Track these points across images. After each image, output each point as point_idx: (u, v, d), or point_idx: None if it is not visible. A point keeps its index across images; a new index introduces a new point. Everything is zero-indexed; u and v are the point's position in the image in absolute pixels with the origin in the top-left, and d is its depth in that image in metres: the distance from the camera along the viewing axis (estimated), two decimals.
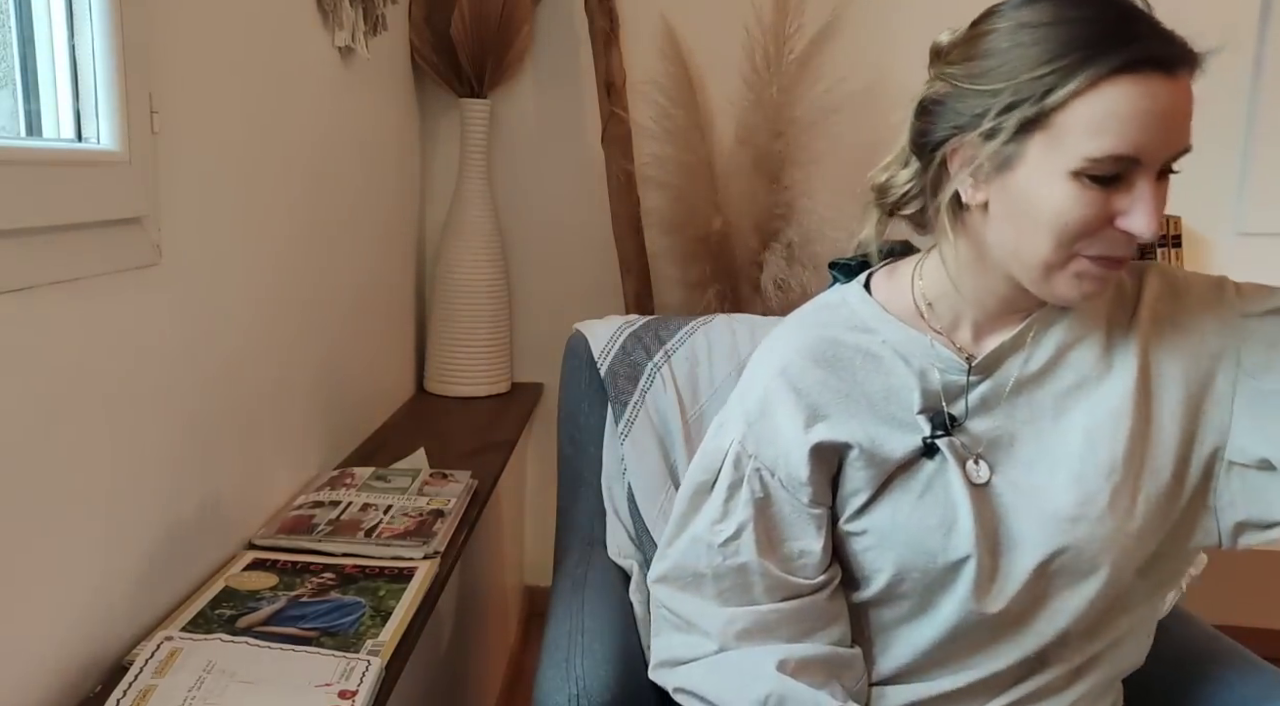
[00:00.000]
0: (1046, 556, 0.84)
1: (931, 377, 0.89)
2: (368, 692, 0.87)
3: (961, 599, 0.86)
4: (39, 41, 0.89)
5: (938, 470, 0.87)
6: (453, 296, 1.99)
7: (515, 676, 2.06)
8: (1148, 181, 0.75)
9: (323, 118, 1.47)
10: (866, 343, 0.91)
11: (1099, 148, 0.74)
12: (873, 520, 0.89)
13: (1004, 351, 0.88)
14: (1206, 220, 2.06)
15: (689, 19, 2.02)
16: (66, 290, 0.84)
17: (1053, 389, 0.87)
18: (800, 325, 0.97)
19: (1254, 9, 1.99)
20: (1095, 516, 0.83)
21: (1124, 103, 0.74)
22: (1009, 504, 0.86)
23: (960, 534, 0.85)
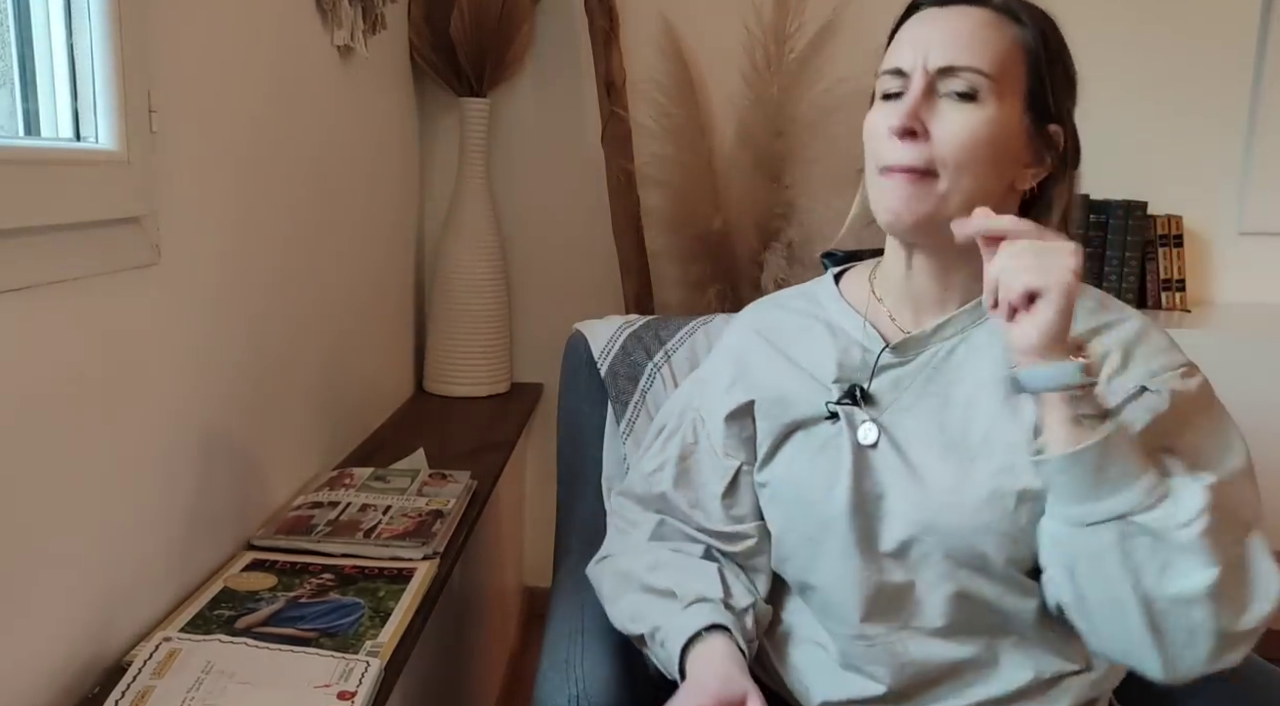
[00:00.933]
0: (911, 533, 0.87)
1: (853, 353, 0.94)
2: (367, 693, 0.86)
3: (850, 559, 0.89)
4: (37, 40, 0.89)
5: (835, 434, 0.91)
6: (452, 296, 1.98)
7: (515, 677, 2.06)
8: (912, 89, 0.83)
9: (322, 117, 1.46)
10: (809, 317, 0.99)
11: (881, 68, 0.88)
12: (773, 471, 0.96)
13: (922, 338, 0.91)
14: (1207, 220, 2.06)
15: (689, 18, 2.01)
16: (65, 290, 0.84)
17: (968, 383, 0.89)
18: (766, 302, 1.06)
19: (1254, 9, 1.99)
20: (970, 505, 0.84)
21: (901, 33, 0.88)
22: (892, 476, 0.89)
23: (838, 492, 0.89)
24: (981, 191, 0.84)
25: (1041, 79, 0.85)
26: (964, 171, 0.83)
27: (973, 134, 0.82)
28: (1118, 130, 2.00)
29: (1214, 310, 2.03)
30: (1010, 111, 0.84)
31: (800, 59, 1.93)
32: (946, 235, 0.83)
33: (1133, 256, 1.97)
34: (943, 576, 0.87)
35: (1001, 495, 0.84)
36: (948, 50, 0.83)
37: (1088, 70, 0.91)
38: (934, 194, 0.83)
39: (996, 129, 0.83)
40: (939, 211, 0.84)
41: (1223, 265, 2.09)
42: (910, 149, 0.83)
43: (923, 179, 0.83)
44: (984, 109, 0.82)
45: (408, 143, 2.00)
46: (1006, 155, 0.84)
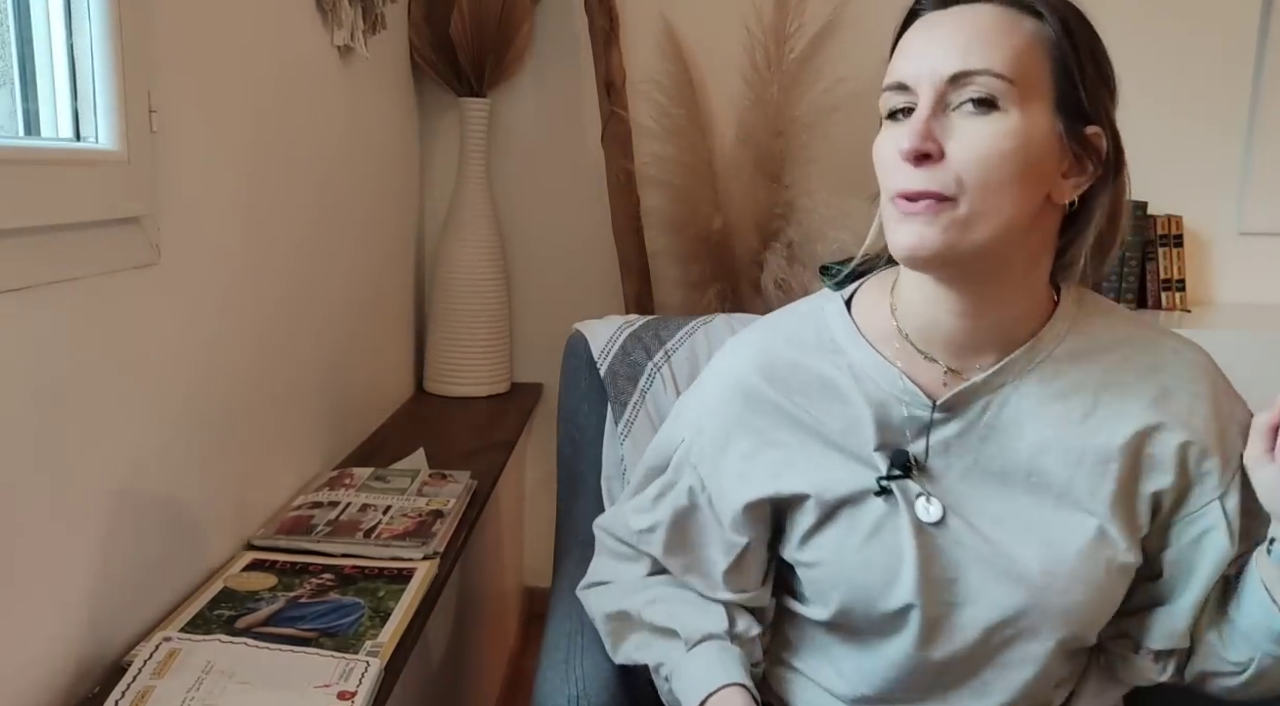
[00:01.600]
0: (1003, 617, 0.80)
1: (892, 411, 0.82)
2: (367, 694, 0.86)
3: (907, 644, 0.82)
4: (37, 40, 0.89)
5: (888, 512, 0.81)
6: (452, 296, 1.98)
7: (515, 677, 2.06)
8: (920, 104, 0.73)
9: (322, 117, 1.46)
10: (829, 367, 0.85)
11: (884, 83, 0.77)
12: (819, 553, 0.85)
13: (974, 392, 0.81)
14: (1208, 220, 2.06)
15: (689, 18, 2.01)
16: (65, 290, 0.84)
17: (1029, 439, 0.80)
18: (764, 341, 0.90)
19: (1254, 9, 1.99)
20: (1059, 586, 0.79)
21: (903, 43, 0.78)
22: (967, 555, 0.80)
23: (904, 583, 0.80)
24: (1013, 212, 0.73)
25: (1070, 76, 0.74)
26: (989, 192, 0.72)
27: (995, 148, 0.71)
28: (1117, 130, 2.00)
29: (1214, 310, 2.03)
30: (1037, 117, 0.73)
31: (800, 59, 1.93)
32: (977, 267, 0.76)
33: (1133, 256, 1.97)
34: (1024, 663, 0.81)
35: (1095, 567, 0.79)
36: (957, 55, 0.72)
37: None
38: (956, 221, 0.72)
39: (1022, 139, 0.72)
40: (962, 240, 0.73)
41: (1223, 265, 2.09)
42: (925, 173, 0.72)
43: (941, 205, 0.72)
44: (1006, 117, 0.72)
45: (408, 143, 2.00)
46: (1038, 168, 0.73)
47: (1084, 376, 0.81)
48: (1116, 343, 0.83)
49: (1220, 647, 0.81)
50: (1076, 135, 0.75)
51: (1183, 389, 0.81)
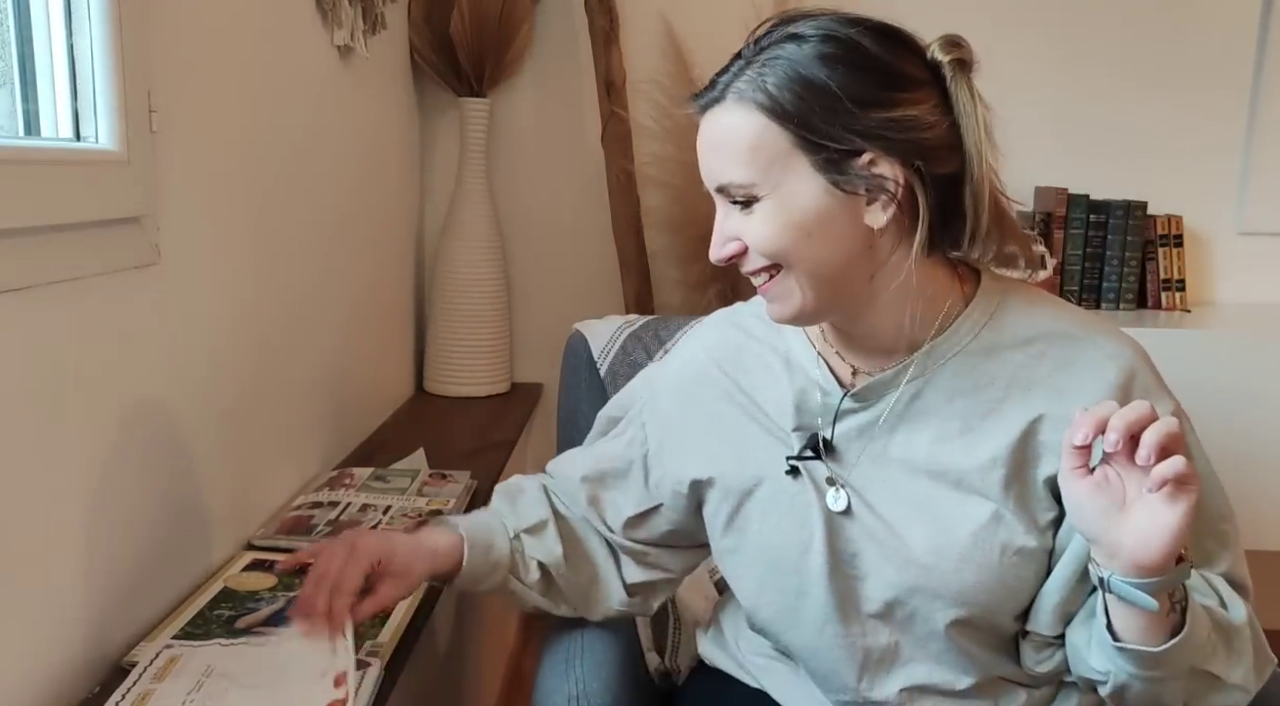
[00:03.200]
0: (896, 594, 0.84)
1: (810, 397, 0.88)
2: (367, 694, 0.86)
3: (820, 621, 0.87)
4: (37, 40, 0.89)
5: (800, 491, 0.87)
6: (452, 296, 1.98)
7: (515, 677, 2.06)
8: (719, 212, 0.83)
9: (322, 117, 1.46)
10: (768, 351, 0.93)
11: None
12: (740, 538, 0.91)
13: (883, 384, 0.85)
14: (1207, 220, 2.06)
15: (689, 18, 2.01)
16: (65, 290, 0.84)
17: (932, 431, 0.84)
18: (727, 318, 1.00)
19: (1254, 9, 1.99)
20: (949, 567, 0.81)
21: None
22: (864, 535, 0.85)
23: (814, 554, 0.86)
24: (830, 262, 0.79)
25: (806, 140, 0.76)
26: (793, 261, 0.79)
27: (768, 235, 0.78)
28: (1118, 130, 2.00)
29: (1214, 310, 2.03)
30: (796, 187, 0.77)
31: None
32: (837, 307, 0.82)
33: (1133, 256, 1.97)
34: (928, 637, 0.85)
35: (987, 549, 0.81)
36: (712, 168, 0.81)
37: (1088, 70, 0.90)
38: (792, 284, 0.80)
39: (788, 216, 0.77)
40: (806, 299, 0.80)
41: (1223, 265, 2.09)
42: (746, 262, 0.82)
43: (776, 273, 0.81)
44: (765, 207, 0.78)
45: (408, 143, 2.00)
46: (822, 223, 0.77)
47: (996, 370, 0.83)
48: (1035, 337, 0.84)
49: (1085, 652, 0.80)
50: (849, 176, 0.77)
51: (1090, 379, 0.81)
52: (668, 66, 2.00)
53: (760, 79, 0.78)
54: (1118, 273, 1.97)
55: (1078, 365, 0.82)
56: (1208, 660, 0.76)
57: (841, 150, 0.76)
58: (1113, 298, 1.98)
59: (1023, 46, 1.95)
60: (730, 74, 0.81)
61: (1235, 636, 0.79)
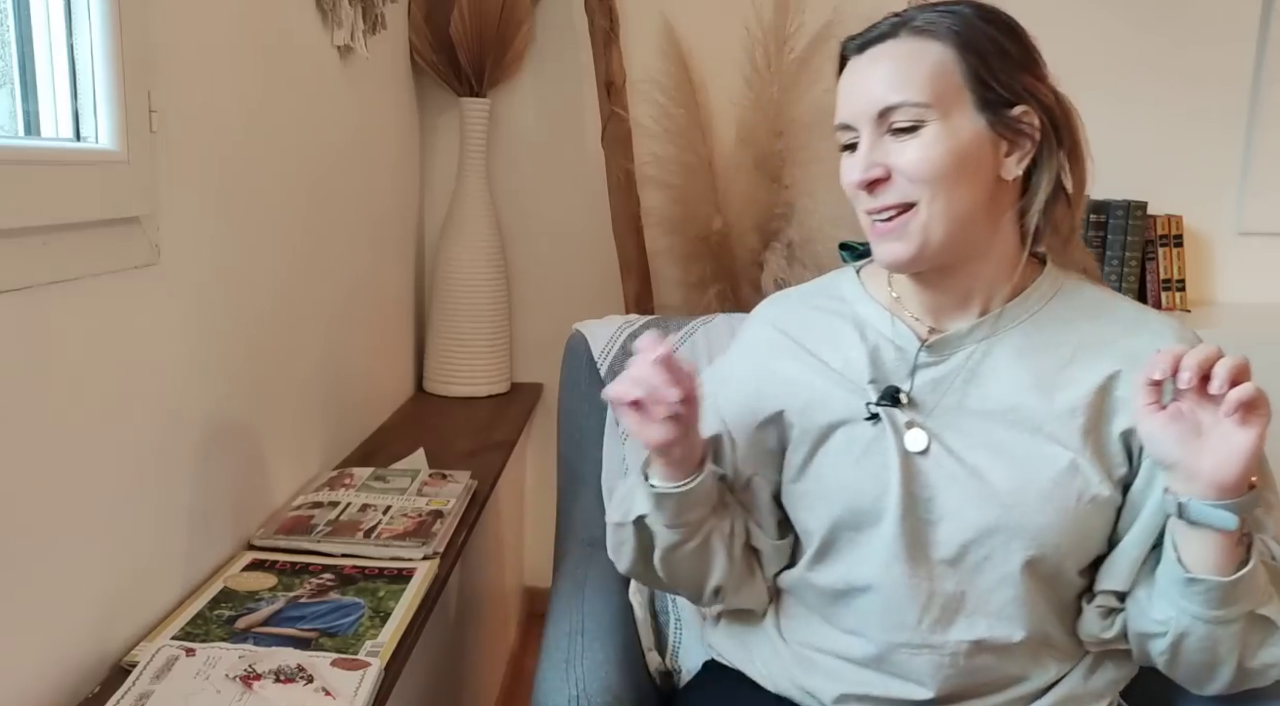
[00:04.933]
0: (975, 534, 0.87)
1: (885, 353, 0.93)
2: (367, 694, 0.86)
3: (893, 562, 0.88)
4: (37, 41, 0.89)
5: (877, 436, 0.90)
6: (452, 296, 1.98)
7: (515, 677, 2.06)
8: (862, 141, 0.86)
9: (322, 117, 1.46)
10: (834, 317, 0.97)
11: (834, 124, 0.90)
12: (814, 476, 0.93)
13: (957, 340, 0.91)
14: (1207, 220, 2.06)
15: (689, 18, 2.01)
16: (65, 289, 0.84)
17: (1007, 383, 0.89)
18: (785, 295, 1.05)
19: (1254, 9, 1.99)
20: (1029, 506, 0.85)
21: (839, 87, 0.90)
22: (944, 477, 0.88)
23: (890, 498, 0.88)
24: (965, 201, 0.85)
25: (980, 77, 0.85)
26: (939, 193, 0.84)
27: (928, 156, 0.83)
28: (1118, 130, 2.00)
29: (1214, 310, 2.03)
30: (960, 120, 0.84)
31: (800, 59, 1.93)
32: (947, 256, 0.87)
33: (1133, 256, 1.97)
34: (999, 583, 0.87)
35: (1065, 493, 0.85)
36: (878, 95, 0.85)
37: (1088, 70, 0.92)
38: (919, 225, 0.85)
39: (950, 142, 0.83)
40: (930, 239, 0.85)
41: (1223, 265, 2.09)
42: (880, 193, 0.85)
43: (903, 214, 0.85)
44: (931, 132, 0.83)
45: (408, 143, 2.00)
46: (974, 159, 0.85)
47: (1064, 335, 0.90)
48: (1099, 311, 0.92)
49: (1148, 605, 0.86)
50: (1004, 120, 0.85)
51: (1153, 341, 0.88)
52: (668, 66, 2.00)
53: (943, 19, 0.86)
54: (1118, 272, 1.97)
55: (1142, 333, 0.90)
56: (1265, 605, 0.82)
57: (1003, 96, 0.85)
58: None
59: None
60: (899, 19, 0.87)
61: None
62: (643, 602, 1.18)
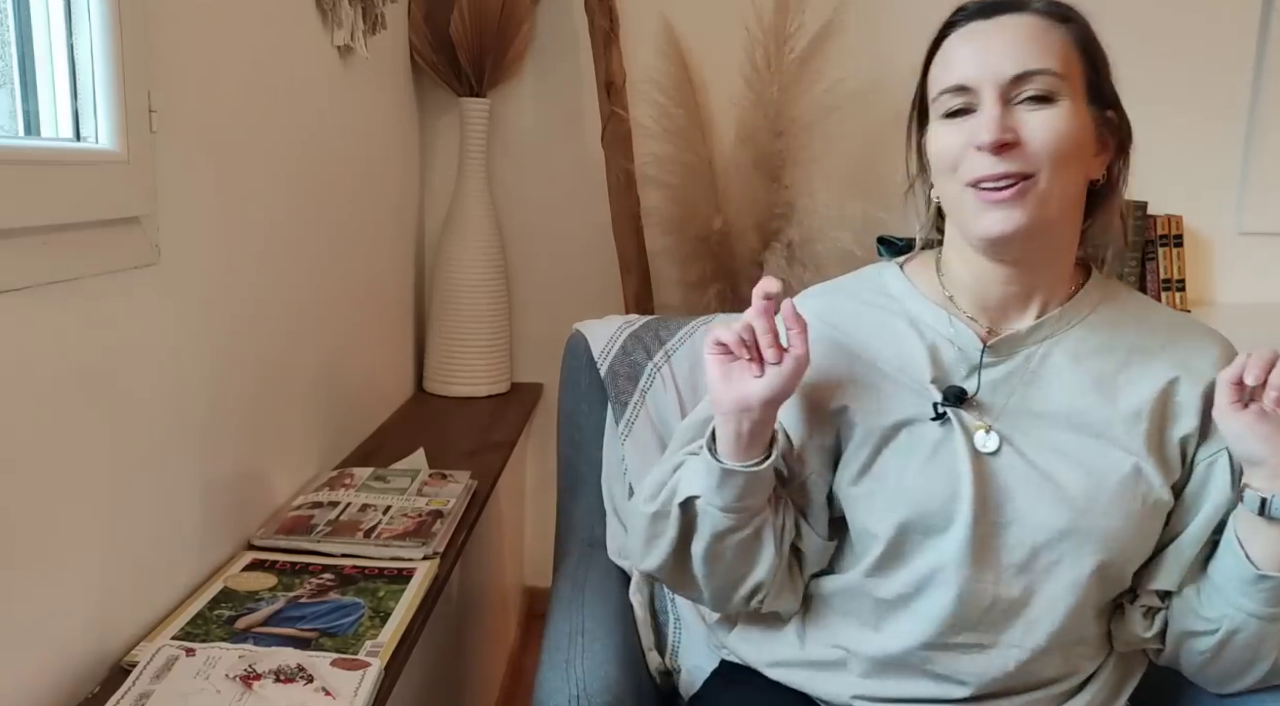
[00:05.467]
0: (1049, 537, 0.86)
1: (944, 352, 0.92)
2: (367, 694, 0.86)
3: (960, 565, 0.87)
4: (37, 40, 0.89)
5: (944, 437, 0.89)
6: (452, 296, 1.98)
7: (515, 677, 2.06)
8: (987, 103, 0.84)
9: (322, 117, 1.46)
10: (886, 314, 0.95)
11: (938, 87, 0.87)
12: (878, 478, 0.91)
13: (1018, 340, 0.91)
14: (1208, 220, 2.06)
15: (689, 18, 2.01)
16: (65, 290, 0.84)
17: (1068, 385, 0.89)
18: (828, 289, 1.02)
19: (1254, 9, 1.99)
20: (1101, 509, 0.86)
21: (950, 50, 0.88)
22: (1016, 480, 0.87)
23: (961, 502, 0.87)
24: (1072, 188, 0.86)
25: (1097, 68, 0.87)
26: (1059, 171, 0.83)
27: (1059, 131, 0.83)
28: None
29: (1214, 310, 2.03)
30: (1079, 104, 0.85)
31: (800, 59, 1.93)
32: (1038, 241, 0.87)
33: (1133, 256, 1.97)
34: (1067, 588, 0.87)
35: (1132, 497, 0.86)
36: (1015, 57, 0.83)
37: None
38: (1038, 197, 0.83)
39: (1076, 122, 0.84)
40: (1042, 215, 0.84)
41: (1223, 265, 2.09)
42: (1006, 158, 0.83)
43: (1025, 184, 0.83)
44: (1061, 106, 0.83)
45: (407, 143, 2.00)
46: (1083, 148, 0.86)
47: (1116, 339, 0.92)
48: (1144, 314, 0.94)
49: (1197, 603, 0.88)
50: (1102, 118, 0.88)
51: (1200, 351, 0.91)
52: (668, 66, 2.00)
53: (1066, 7, 0.88)
54: (1118, 273, 1.97)
55: (1186, 341, 0.92)
56: None
57: (1105, 96, 0.89)
58: None
59: None
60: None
61: None
62: (643, 602, 1.18)
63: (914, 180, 0.97)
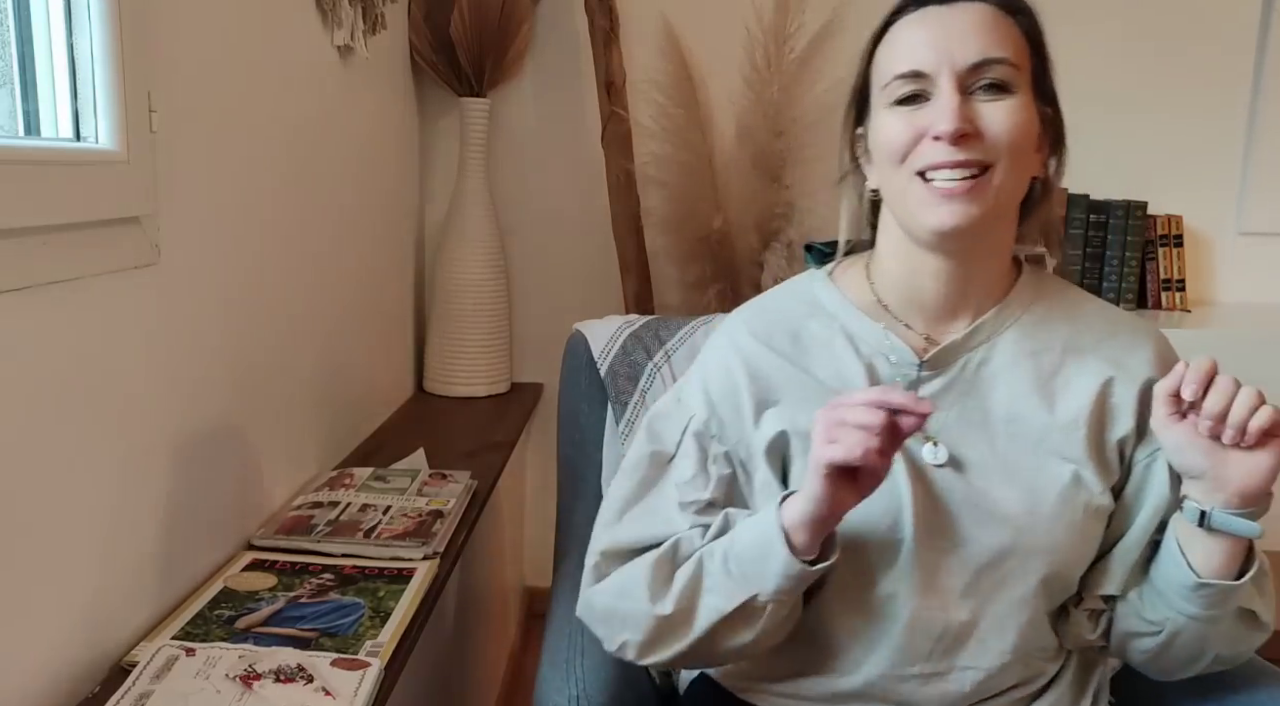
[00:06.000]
0: (991, 557, 0.84)
1: (881, 369, 0.89)
2: (367, 694, 0.86)
3: (908, 594, 0.85)
4: (37, 40, 0.89)
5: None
6: (452, 296, 1.98)
7: (515, 677, 2.06)
8: (945, 91, 0.81)
9: (322, 117, 1.46)
10: (823, 329, 0.92)
11: (889, 73, 0.84)
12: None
13: (954, 350, 0.88)
14: (1208, 220, 2.06)
15: (689, 18, 2.01)
16: (65, 289, 0.84)
17: (1006, 392, 0.87)
18: (758, 308, 0.97)
19: (1254, 10, 1.99)
20: (1042, 526, 0.84)
21: (902, 33, 0.85)
22: (956, 500, 0.85)
23: (903, 525, 0.84)
24: (1021, 183, 0.84)
25: (1043, 63, 0.86)
26: (1014, 163, 0.82)
27: (1017, 124, 0.81)
28: (1118, 130, 2.00)
29: (1214, 310, 2.03)
30: (1029, 97, 0.83)
31: (800, 59, 1.93)
32: (986, 238, 0.85)
33: (1133, 256, 1.97)
34: (1014, 606, 0.85)
35: (1073, 508, 0.84)
36: (974, 45, 0.81)
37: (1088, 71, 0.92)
38: (991, 191, 0.81)
39: (1028, 114, 0.82)
40: (995, 209, 0.82)
41: (1223, 265, 2.09)
42: (963, 148, 0.80)
43: (981, 176, 0.81)
44: (1017, 98, 0.82)
45: (407, 143, 1.99)
46: (1032, 143, 0.84)
47: (1051, 338, 0.89)
48: (1077, 311, 0.92)
49: (1139, 606, 0.87)
50: (1044, 114, 0.86)
51: (1134, 348, 0.89)
52: (668, 66, 2.00)
53: (1018, 4, 0.85)
54: (1118, 273, 1.97)
55: (1119, 337, 0.90)
56: (1251, 599, 0.84)
57: (1048, 93, 0.87)
58: (1113, 298, 1.97)
59: None
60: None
61: (1264, 576, 0.85)
62: None
63: (847, 174, 0.94)
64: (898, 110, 0.83)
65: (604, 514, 0.94)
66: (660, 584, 0.86)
